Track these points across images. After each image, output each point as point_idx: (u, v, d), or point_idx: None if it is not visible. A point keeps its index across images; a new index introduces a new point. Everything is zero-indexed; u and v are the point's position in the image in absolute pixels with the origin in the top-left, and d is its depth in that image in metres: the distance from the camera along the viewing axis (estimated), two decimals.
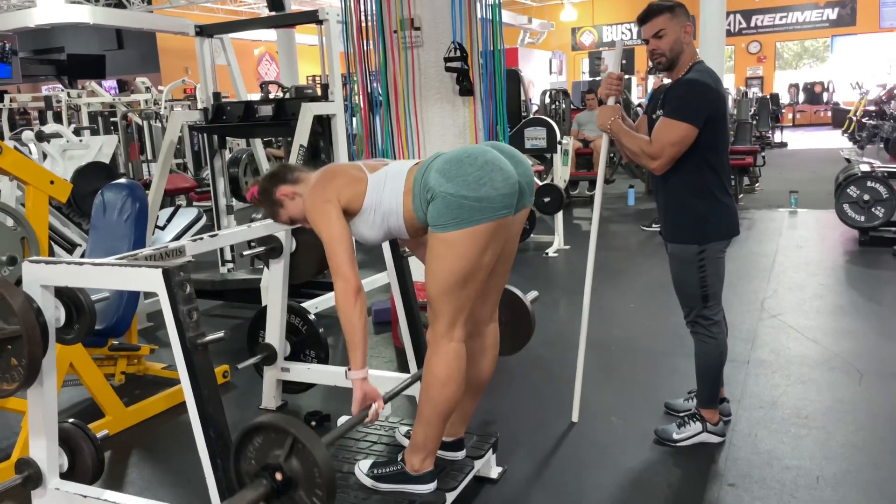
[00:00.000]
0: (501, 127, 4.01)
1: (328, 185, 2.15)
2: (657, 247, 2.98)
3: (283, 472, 1.70)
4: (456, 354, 2.14)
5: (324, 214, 2.10)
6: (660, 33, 2.58)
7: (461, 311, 2.12)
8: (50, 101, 11.34)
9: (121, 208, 3.65)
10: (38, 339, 1.96)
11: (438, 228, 2.04)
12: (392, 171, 2.19)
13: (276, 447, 1.71)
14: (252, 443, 1.76)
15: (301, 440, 1.66)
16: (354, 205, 2.15)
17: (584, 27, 22.22)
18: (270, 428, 1.72)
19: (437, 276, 2.08)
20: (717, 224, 2.63)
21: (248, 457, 1.76)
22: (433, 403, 2.16)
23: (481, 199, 1.99)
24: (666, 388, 3.30)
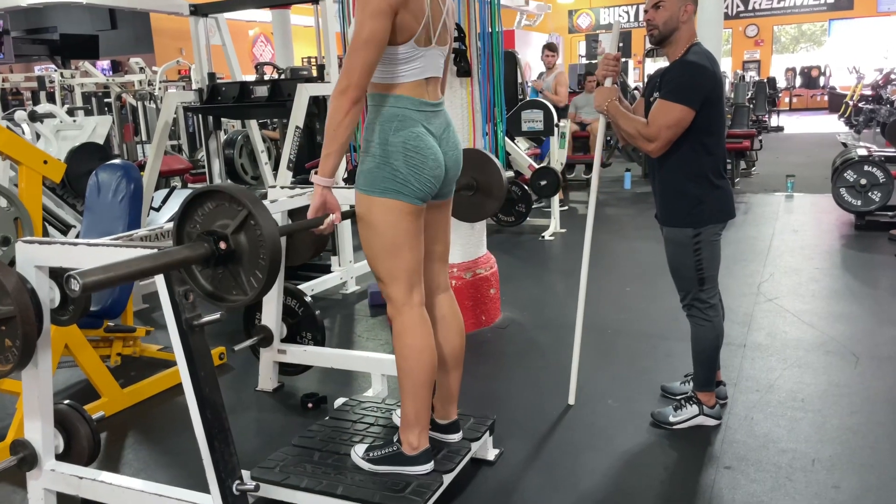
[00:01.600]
0: (499, 109, 3.99)
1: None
2: (653, 230, 2.97)
3: (228, 242, 1.62)
4: (420, 319, 2.17)
5: (376, 14, 1.93)
6: (659, 4, 2.57)
7: (410, 274, 2.14)
8: (43, 82, 11.22)
9: (115, 189, 3.61)
10: (32, 319, 1.94)
11: (375, 191, 2.06)
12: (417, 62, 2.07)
13: (226, 217, 1.63)
14: (203, 206, 1.67)
15: (255, 217, 1.58)
16: (392, 38, 1.99)
17: (582, 9, 22.07)
18: (226, 196, 1.63)
19: (378, 241, 2.11)
20: (713, 207, 2.62)
21: (195, 219, 1.68)
22: (411, 374, 2.17)
23: (420, 190, 2.08)
24: (662, 371, 3.31)
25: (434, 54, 2.13)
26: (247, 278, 1.61)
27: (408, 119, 2.07)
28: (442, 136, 2.16)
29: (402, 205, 2.07)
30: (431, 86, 2.15)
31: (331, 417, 2.66)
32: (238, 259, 1.61)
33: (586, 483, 2.45)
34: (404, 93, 2.08)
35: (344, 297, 4.80)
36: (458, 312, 2.40)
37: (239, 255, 1.60)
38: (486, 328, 4.02)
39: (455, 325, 2.38)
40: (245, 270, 1.61)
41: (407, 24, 2.00)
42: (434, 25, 2.09)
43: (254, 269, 1.59)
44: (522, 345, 3.83)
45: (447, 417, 2.42)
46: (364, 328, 4.23)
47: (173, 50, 16.32)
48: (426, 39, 2.08)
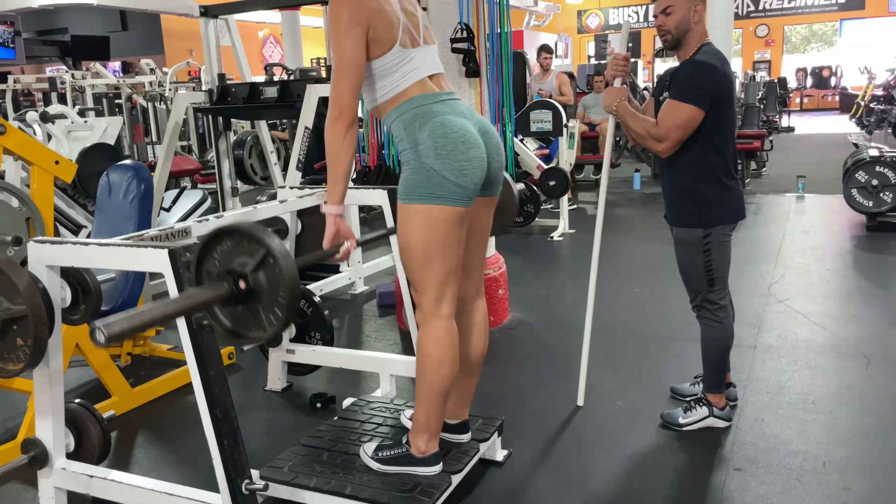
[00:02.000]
0: (507, 109, 3.99)
1: (366, 7, 1.97)
2: (662, 231, 2.96)
3: (247, 281, 1.63)
4: (446, 331, 2.13)
5: (348, 34, 1.95)
6: (668, 10, 2.55)
7: (445, 286, 2.11)
8: (54, 83, 11.29)
9: (126, 189, 3.63)
10: (43, 318, 1.95)
11: (413, 199, 2.04)
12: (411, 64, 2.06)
13: (245, 255, 1.64)
14: (222, 244, 1.68)
15: (274, 255, 1.59)
16: (371, 53, 2.01)
17: (591, 10, 22.03)
18: (245, 235, 1.64)
19: (414, 249, 2.08)
20: (723, 208, 2.61)
21: (214, 257, 1.69)
22: (430, 384, 2.15)
23: (459, 185, 2.01)
24: (672, 372, 3.29)
25: (426, 53, 2.12)
26: (266, 316, 1.62)
27: (429, 112, 2.05)
28: (472, 117, 2.13)
29: (439, 210, 2.02)
30: (436, 81, 2.13)
31: (339, 417, 2.66)
32: (257, 297, 1.62)
33: (595, 484, 2.45)
34: (414, 94, 2.07)
35: (353, 298, 4.81)
36: (487, 319, 2.41)
37: (258, 293, 1.61)
38: (495, 329, 4.01)
39: (483, 332, 2.39)
40: (264, 308, 1.62)
41: (383, 34, 2.01)
42: (415, 28, 2.10)
43: (273, 307, 1.60)
44: (531, 345, 3.83)
45: (458, 417, 2.42)
46: (372, 328, 4.23)
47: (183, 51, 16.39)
48: (411, 41, 2.08)
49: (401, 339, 3.98)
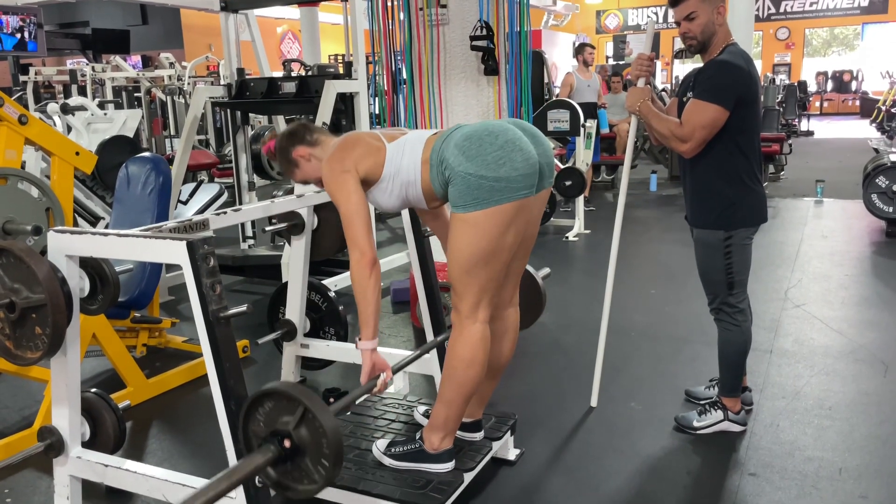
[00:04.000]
0: (526, 108, 3.97)
1: (347, 155, 2.12)
2: (680, 232, 2.95)
3: (291, 439, 1.69)
4: (481, 336, 2.13)
5: (342, 185, 2.08)
6: (691, 15, 2.51)
7: (485, 292, 2.10)
8: (75, 75, 11.39)
9: (144, 182, 3.66)
10: (62, 308, 1.96)
11: (459, 209, 2.03)
12: (411, 140, 2.17)
13: (285, 414, 1.70)
14: (263, 406, 1.75)
15: (312, 410, 1.66)
16: (373, 175, 2.14)
17: (610, 10, 21.93)
18: (282, 395, 1.71)
19: (459, 256, 2.07)
20: (746, 210, 2.58)
21: (258, 419, 1.76)
22: (456, 384, 2.15)
23: (500, 178, 1.97)
24: (687, 375, 3.27)
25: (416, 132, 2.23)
26: (314, 467, 1.69)
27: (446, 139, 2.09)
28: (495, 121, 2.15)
29: (484, 216, 1.99)
30: (440, 133, 2.17)
31: (352, 413, 2.67)
32: (303, 452, 1.69)
33: (608, 486, 2.43)
34: (429, 154, 2.10)
35: None
36: (518, 327, 2.41)
37: (303, 448, 1.69)
38: None
39: (512, 339, 2.39)
40: (312, 461, 1.69)
41: (370, 156, 2.13)
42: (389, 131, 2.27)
43: (319, 459, 1.68)
44: (546, 345, 3.82)
45: (472, 416, 2.42)
46: (386, 324, 4.24)
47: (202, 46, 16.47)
48: (393, 137, 2.20)
49: (414, 335, 3.98)
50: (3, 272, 1.99)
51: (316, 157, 2.25)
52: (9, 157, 2.64)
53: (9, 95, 8.54)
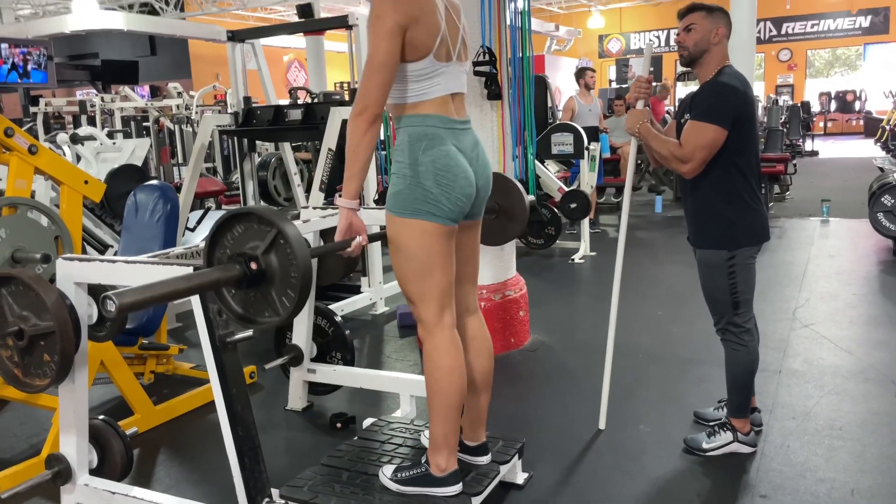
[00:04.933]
0: (529, 132, 4.01)
1: (413, 9, 1.97)
2: (686, 253, 2.94)
3: (258, 263, 1.62)
4: (451, 341, 2.16)
5: (385, 35, 1.94)
6: (689, 27, 2.60)
7: (441, 295, 2.13)
8: (84, 106, 11.55)
9: (152, 209, 3.69)
10: (70, 335, 1.98)
11: (406, 213, 2.06)
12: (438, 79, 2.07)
13: (256, 238, 1.63)
14: (232, 230, 1.67)
15: (286, 236, 1.58)
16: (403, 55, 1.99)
17: (612, 34, 22.13)
18: (255, 218, 1.64)
19: (410, 263, 2.11)
20: (747, 229, 2.59)
21: (225, 244, 1.69)
22: (442, 397, 2.16)
23: (451, 210, 2.07)
24: (695, 396, 3.25)
25: (455, 70, 2.13)
26: (279, 298, 1.62)
27: (436, 137, 2.08)
28: (471, 154, 2.16)
29: (433, 226, 2.07)
30: (457, 102, 2.15)
31: (359, 437, 2.66)
32: (270, 280, 1.62)
33: None
34: (430, 111, 2.08)
35: (373, 318, 4.82)
36: (487, 334, 2.40)
37: (270, 275, 1.61)
38: (516, 350, 4.00)
39: (484, 346, 2.37)
40: (277, 290, 1.62)
41: (420, 41, 2.01)
42: (452, 42, 2.10)
43: (285, 289, 1.61)
44: (552, 368, 3.80)
45: (476, 440, 2.40)
46: (393, 349, 4.23)
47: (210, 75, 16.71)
48: (446, 55, 2.08)
49: (421, 360, 3.97)
50: (13, 300, 2.02)
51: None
52: (19, 187, 2.68)
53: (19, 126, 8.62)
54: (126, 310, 1.50)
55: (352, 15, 4.64)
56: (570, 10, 20.95)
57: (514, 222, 2.83)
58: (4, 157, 2.71)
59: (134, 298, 1.52)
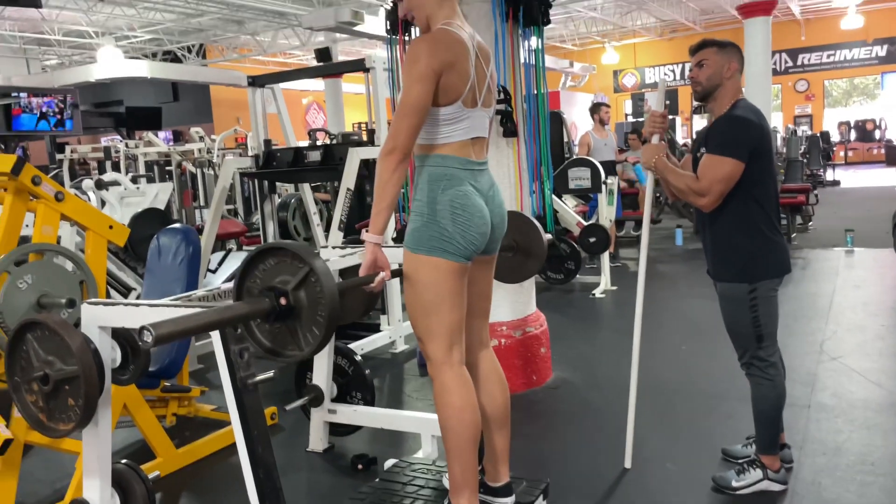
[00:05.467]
0: (546, 167, 4.02)
1: (447, 58, 2.04)
2: (708, 286, 2.91)
3: (288, 298, 1.64)
4: (461, 379, 2.17)
5: (420, 79, 2.02)
6: (701, 62, 2.62)
7: (451, 332, 2.15)
8: (109, 152, 11.80)
9: (175, 252, 3.74)
10: (94, 379, 1.99)
11: (421, 249, 2.11)
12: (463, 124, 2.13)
13: (287, 273, 1.66)
14: (264, 263, 1.71)
15: (317, 274, 1.62)
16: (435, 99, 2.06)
17: (627, 69, 22.29)
18: (289, 253, 1.67)
19: (422, 298, 2.15)
20: (768, 261, 2.57)
21: (256, 276, 1.72)
22: (456, 434, 2.15)
23: (466, 248, 2.12)
24: (723, 432, 3.19)
25: (480, 115, 2.19)
26: (304, 334, 1.65)
27: (455, 178, 2.12)
28: (488, 194, 2.21)
29: (447, 263, 2.11)
30: (477, 146, 2.20)
31: (381, 479, 2.64)
32: (297, 315, 1.66)
33: None
34: (451, 152, 2.13)
35: (393, 357, 4.80)
36: (500, 369, 2.40)
37: (298, 311, 1.65)
38: (538, 388, 3.96)
39: (498, 381, 2.37)
40: (302, 326, 1.65)
41: (453, 86, 2.08)
42: (479, 87, 2.16)
43: (311, 326, 1.64)
44: (575, 405, 3.76)
45: (498, 480, 2.37)
46: (413, 388, 4.21)
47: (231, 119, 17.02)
48: (472, 101, 2.14)
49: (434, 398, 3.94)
50: (38, 345, 2.04)
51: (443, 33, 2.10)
52: (45, 233, 2.73)
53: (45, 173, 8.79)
54: (163, 340, 1.54)
55: (369, 58, 4.74)
56: (585, 48, 21.17)
57: (531, 259, 2.82)
58: (32, 204, 2.77)
59: (170, 329, 1.56)
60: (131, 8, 13.09)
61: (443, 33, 2.10)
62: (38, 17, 13.06)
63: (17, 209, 2.73)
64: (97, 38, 14.77)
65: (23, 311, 2.57)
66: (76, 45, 15.83)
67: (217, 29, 15.54)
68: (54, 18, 13.44)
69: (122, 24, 14.47)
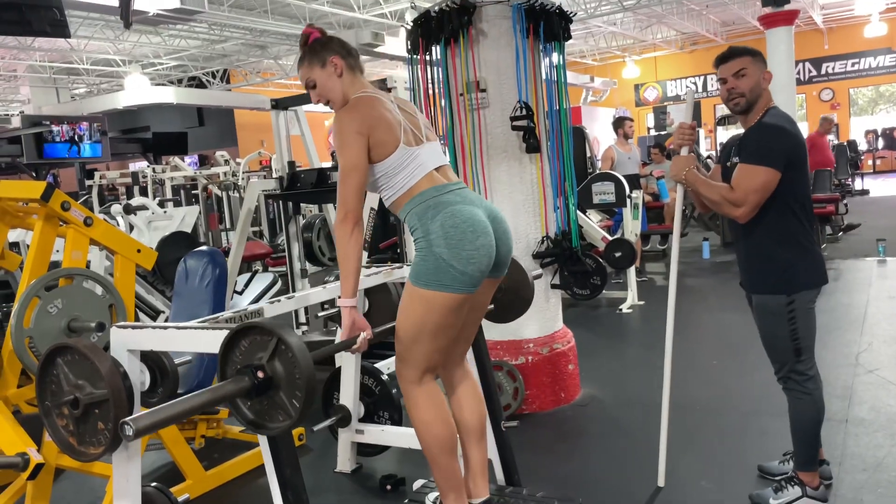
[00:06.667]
0: (570, 182, 3.99)
1: (368, 117, 2.14)
2: (737, 299, 2.86)
3: (264, 371, 1.69)
4: (428, 395, 2.21)
5: (350, 143, 2.12)
6: (741, 72, 2.53)
7: (430, 362, 2.20)
8: (136, 177, 12.01)
9: (202, 274, 3.77)
10: (124, 403, 1.99)
11: (420, 284, 2.11)
12: (417, 161, 2.19)
13: (261, 350, 1.71)
14: (239, 346, 1.76)
15: (285, 341, 1.66)
16: (375, 156, 2.16)
17: (648, 83, 22.21)
18: (257, 329, 1.72)
19: (410, 327, 2.16)
20: (805, 272, 2.52)
21: (235, 360, 1.77)
22: (428, 446, 2.23)
23: (465, 273, 2.09)
24: (758, 450, 3.11)
25: (430, 148, 2.26)
26: (289, 401, 1.70)
27: (440, 203, 2.15)
28: (476, 200, 2.23)
29: (442, 297, 2.10)
30: (442, 172, 2.25)
31: (410, 500, 2.61)
32: (277, 385, 1.72)
33: None
34: (423, 188, 2.18)
35: None
36: (476, 383, 2.46)
37: (277, 381, 1.72)
38: (566, 406, 3.90)
39: (473, 395, 2.41)
40: (286, 393, 1.71)
41: (386, 137, 2.15)
42: (416, 127, 2.24)
43: (293, 391, 1.69)
44: (605, 422, 3.70)
45: (478, 495, 2.37)
46: None
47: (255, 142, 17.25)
48: (415, 140, 2.22)
49: None
50: (69, 369, 2.05)
51: (343, 81, 2.23)
52: (75, 258, 2.77)
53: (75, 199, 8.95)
54: (143, 432, 1.59)
55: (390, 78, 4.76)
56: (605, 62, 21.15)
57: (519, 300, 2.78)
58: (62, 229, 2.81)
59: (151, 420, 1.61)
60: (157, 36, 13.37)
61: (357, 100, 2.21)
62: (68, 48, 13.39)
63: (47, 235, 2.77)
64: (124, 66, 15.10)
65: (53, 336, 2.59)
66: (104, 74, 16.18)
67: (240, 54, 15.81)
68: (83, 48, 13.77)
69: (149, 52, 14.77)
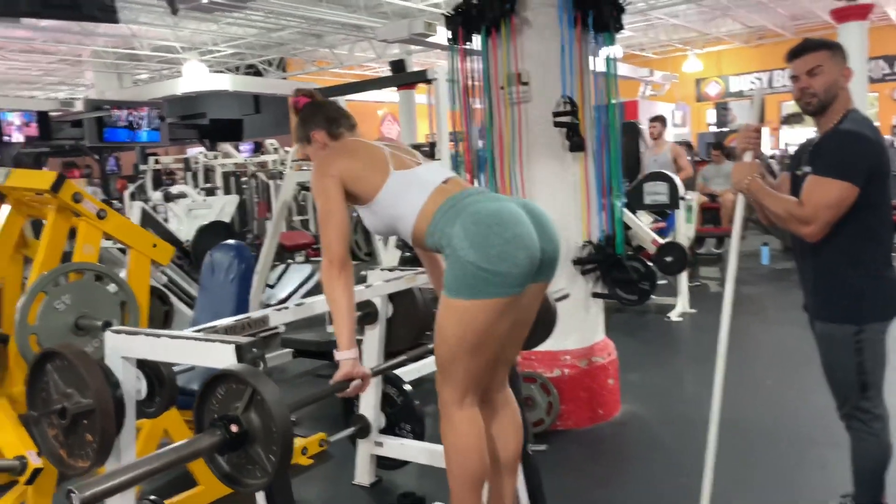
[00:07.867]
0: (616, 182, 3.73)
1: (336, 161, 2.13)
2: (798, 311, 2.57)
3: (239, 424, 1.55)
4: (470, 421, 2.03)
5: (322, 189, 2.09)
6: (815, 70, 2.23)
7: (472, 380, 2.02)
8: (188, 163, 12.15)
9: (227, 269, 3.67)
10: (111, 413, 1.87)
11: (452, 293, 1.97)
12: (419, 179, 2.09)
13: (237, 399, 1.58)
14: (215, 394, 1.63)
15: (260, 393, 1.52)
16: (365, 194, 2.11)
17: (710, 77, 21.43)
18: (232, 378, 1.59)
19: (447, 343, 2.00)
20: (878, 301, 2.22)
21: (212, 409, 1.64)
22: (455, 477, 2.04)
23: (499, 273, 1.91)
24: (814, 485, 2.84)
25: (428, 167, 2.16)
26: (265, 455, 1.54)
27: (458, 206, 2.00)
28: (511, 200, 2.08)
29: (474, 306, 1.93)
30: (453, 184, 2.09)
31: None
32: (253, 439, 1.57)
33: None
34: (437, 205, 2.02)
35: None
36: (517, 411, 2.26)
37: (253, 435, 1.57)
38: (604, 423, 3.66)
39: (512, 425, 2.23)
40: (262, 448, 1.56)
41: (365, 172, 2.10)
42: (406, 153, 2.19)
43: (269, 445, 1.53)
44: (645, 444, 3.44)
45: None
46: None
47: None
48: (410, 163, 2.13)
49: None
50: (58, 376, 1.93)
51: (329, 152, 2.22)
52: (87, 252, 2.66)
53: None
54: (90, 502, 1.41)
55: (431, 70, 4.59)
56: (666, 55, 20.48)
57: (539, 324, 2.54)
58: (74, 221, 2.71)
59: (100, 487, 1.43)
60: (214, 24, 13.46)
61: (330, 147, 2.23)
62: (129, 34, 13.60)
63: (58, 227, 2.67)
64: (183, 52, 15.29)
65: (60, 334, 2.49)
66: (164, 60, 16.44)
67: (296, 43, 15.84)
68: (144, 34, 13.98)
69: (207, 40, 14.91)
